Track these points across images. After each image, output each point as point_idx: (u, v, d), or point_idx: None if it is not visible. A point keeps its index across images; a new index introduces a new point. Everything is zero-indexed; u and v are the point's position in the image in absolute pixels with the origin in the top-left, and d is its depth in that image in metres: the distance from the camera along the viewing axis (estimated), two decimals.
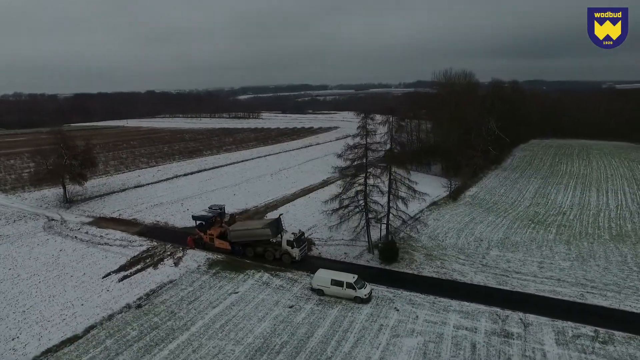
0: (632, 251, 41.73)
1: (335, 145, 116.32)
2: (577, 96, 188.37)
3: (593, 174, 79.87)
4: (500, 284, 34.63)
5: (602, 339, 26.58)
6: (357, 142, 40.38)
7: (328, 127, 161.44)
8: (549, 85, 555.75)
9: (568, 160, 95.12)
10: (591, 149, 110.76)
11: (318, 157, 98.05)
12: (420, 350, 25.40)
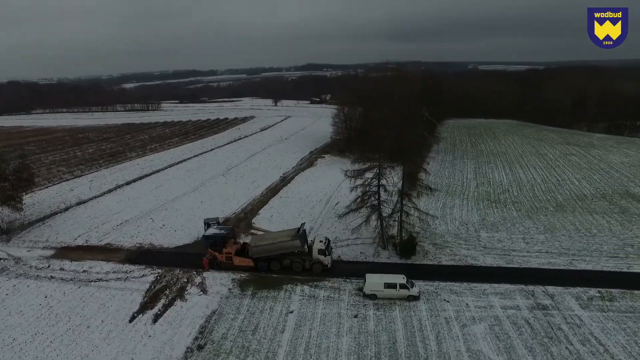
0: (577, 219, 52.35)
1: (266, 136, 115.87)
2: (462, 77, 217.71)
3: (509, 152, 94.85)
4: (508, 262, 40.87)
5: (607, 297, 34.11)
6: None
7: (244, 117, 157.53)
8: (426, 66, 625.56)
9: (482, 140, 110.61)
10: (493, 129, 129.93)
11: (258, 151, 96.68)
12: (492, 335, 29.46)
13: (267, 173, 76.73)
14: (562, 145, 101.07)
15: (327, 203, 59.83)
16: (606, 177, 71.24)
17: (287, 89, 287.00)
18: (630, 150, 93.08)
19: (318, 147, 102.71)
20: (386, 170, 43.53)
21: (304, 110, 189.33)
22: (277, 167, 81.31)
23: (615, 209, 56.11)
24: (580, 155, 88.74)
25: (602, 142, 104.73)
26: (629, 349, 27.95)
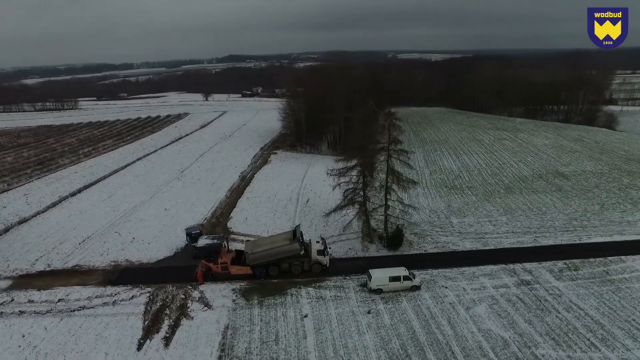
0: (526, 199, 59.02)
1: (209, 134, 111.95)
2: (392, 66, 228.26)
3: (450, 139, 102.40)
4: (484, 245, 45.14)
5: (573, 267, 39.56)
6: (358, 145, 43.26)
7: (177, 114, 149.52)
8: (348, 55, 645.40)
9: (422, 128, 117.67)
10: (428, 117, 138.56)
11: (205, 150, 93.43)
12: (494, 313, 32.75)
13: (224, 173, 74.59)
14: (492, 130, 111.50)
15: (298, 201, 60.17)
16: (537, 159, 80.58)
17: (212, 83, 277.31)
18: (548, 133, 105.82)
19: (267, 143, 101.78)
20: (371, 166, 45.04)
21: (238, 104, 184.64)
22: (233, 166, 79.35)
23: (552, 187, 64.06)
24: (511, 139, 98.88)
25: (524, 126, 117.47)
26: (601, 310, 32.93)
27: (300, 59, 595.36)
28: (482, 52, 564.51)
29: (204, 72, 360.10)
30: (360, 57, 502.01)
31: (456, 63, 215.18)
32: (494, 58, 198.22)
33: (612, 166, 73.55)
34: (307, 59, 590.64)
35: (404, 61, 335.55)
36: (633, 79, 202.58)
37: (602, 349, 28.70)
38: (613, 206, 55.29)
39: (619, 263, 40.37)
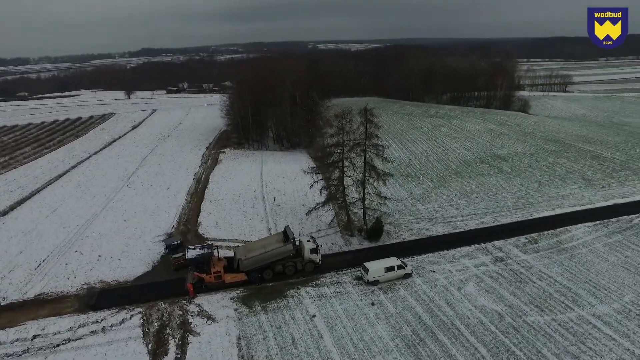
0: (477, 182, 64.90)
1: (144, 135, 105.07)
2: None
3: (392, 128, 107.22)
4: (454, 228, 49.10)
5: (533, 241, 44.90)
6: (335, 141, 44.22)
7: (102, 114, 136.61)
8: (269, 46, 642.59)
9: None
10: (369, 105, 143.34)
11: (147, 153, 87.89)
12: (482, 290, 36.24)
13: (176, 176, 70.95)
14: (427, 117, 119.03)
15: (264, 200, 59.66)
16: (475, 144, 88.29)
17: (130, 79, 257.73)
18: (476, 119, 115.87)
19: (211, 142, 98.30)
20: (348, 162, 46.28)
21: (165, 102, 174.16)
22: (183, 169, 75.74)
23: (494, 169, 71.01)
24: (447, 126, 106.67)
25: (454, 113, 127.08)
26: (565, 276, 38.11)
27: (220, 51, 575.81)
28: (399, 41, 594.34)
29: (118, 68, 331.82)
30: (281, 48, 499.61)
31: (383, 53, 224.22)
32: (417, 48, 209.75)
33: (536, 147, 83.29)
34: (227, 51, 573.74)
35: (333, 52, 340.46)
36: (535, 66, 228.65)
37: (575, 309, 33.39)
38: (547, 183, 63.08)
39: (567, 233, 46.65)
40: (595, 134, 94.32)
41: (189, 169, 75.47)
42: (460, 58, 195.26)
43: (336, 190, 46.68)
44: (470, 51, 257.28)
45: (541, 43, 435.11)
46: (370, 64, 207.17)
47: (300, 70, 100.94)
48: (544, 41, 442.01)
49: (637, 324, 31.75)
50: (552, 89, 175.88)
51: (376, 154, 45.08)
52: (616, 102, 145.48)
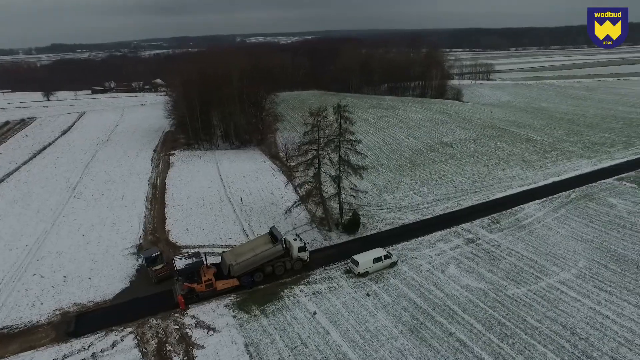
0: (432, 169, 69.10)
1: (78, 140, 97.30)
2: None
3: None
4: (423, 215, 52.16)
5: (495, 221, 49.29)
6: (310, 138, 44.63)
7: (20, 118, 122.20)
8: (195, 41, 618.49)
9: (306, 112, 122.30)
10: (306, 101, 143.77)
11: (88, 160, 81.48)
12: (463, 271, 39.28)
13: (128, 183, 66.72)
14: (371, 109, 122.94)
15: (230, 201, 58.53)
16: (421, 132, 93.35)
17: (42, 78, 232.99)
18: (417, 108, 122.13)
19: (157, 144, 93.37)
20: (324, 158, 46.93)
21: (93, 103, 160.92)
22: (134, 174, 71.39)
23: (445, 156, 75.96)
24: (391, 116, 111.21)
25: (395, 103, 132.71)
26: (529, 250, 42.57)
27: (143, 47, 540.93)
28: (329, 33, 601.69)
29: (26, 66, 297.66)
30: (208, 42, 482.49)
31: (317, 45, 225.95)
32: (352, 40, 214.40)
33: (477, 133, 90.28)
34: (151, 47, 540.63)
35: (263, 45, 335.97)
36: (458, 56, 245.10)
37: (543, 278, 37.58)
38: (494, 166, 69.02)
39: (521, 211, 51.78)
40: (523, 119, 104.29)
41: (140, 174, 71.22)
42: (392, 49, 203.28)
43: (313, 187, 47.17)
44: (401, 43, 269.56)
45: (461, 34, 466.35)
46: (305, 57, 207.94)
47: (245, 66, 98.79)
48: (463, 32, 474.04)
49: (592, 285, 36.57)
50: (478, 78, 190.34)
51: (351, 149, 46.17)
52: (533, 89, 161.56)
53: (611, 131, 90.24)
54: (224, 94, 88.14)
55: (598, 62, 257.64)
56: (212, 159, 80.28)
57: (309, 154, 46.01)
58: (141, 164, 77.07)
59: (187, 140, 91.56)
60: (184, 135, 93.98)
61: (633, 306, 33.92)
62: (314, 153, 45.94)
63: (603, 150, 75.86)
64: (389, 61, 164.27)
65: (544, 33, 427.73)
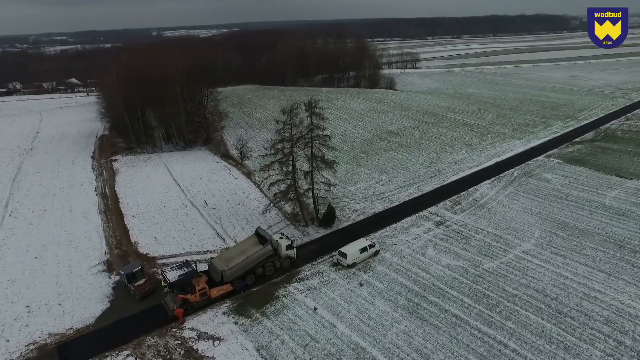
0: (386, 158, 72.41)
1: None
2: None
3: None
4: (390, 202, 54.90)
5: (456, 202, 53.54)
6: (283, 136, 44.64)
7: None
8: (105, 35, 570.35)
9: (249, 108, 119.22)
10: (242, 96, 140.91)
11: (15, 173, 73.25)
12: (441, 252, 42.42)
13: (72, 195, 61.24)
14: None
15: (194, 205, 56.62)
16: (366, 122, 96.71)
17: None
18: (356, 99, 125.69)
19: (94, 150, 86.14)
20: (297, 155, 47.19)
21: None
22: (77, 185, 65.61)
23: (394, 144, 79.87)
24: (334, 108, 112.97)
25: (333, 95, 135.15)
26: (492, 226, 47.08)
27: (44, 42, 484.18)
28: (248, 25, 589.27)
29: None
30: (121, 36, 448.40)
31: (247, 39, 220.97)
32: (282, 32, 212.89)
33: (418, 120, 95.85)
34: (53, 42, 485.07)
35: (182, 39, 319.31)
36: (384, 45, 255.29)
37: (510, 250, 42.06)
38: (442, 151, 74.21)
39: (476, 192, 56.72)
40: (455, 105, 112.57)
41: (84, 184, 65.52)
42: (318, 40, 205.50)
43: (289, 185, 47.33)
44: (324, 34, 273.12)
45: (380, 24, 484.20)
46: (235, 52, 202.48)
47: (183, 62, 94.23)
48: (382, 22, 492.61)
49: (550, 252, 41.73)
50: (405, 66, 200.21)
51: (323, 144, 46.95)
52: (457, 76, 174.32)
53: (530, 113, 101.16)
54: (164, 92, 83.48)
55: (506, 50, 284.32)
56: (160, 163, 76.16)
57: (282, 152, 45.92)
58: (81, 173, 70.77)
59: (127, 144, 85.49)
60: (123, 139, 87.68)
61: (583, 265, 39.37)
62: (287, 150, 45.96)
63: (529, 131, 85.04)
64: (323, 53, 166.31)
65: (454, 23, 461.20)
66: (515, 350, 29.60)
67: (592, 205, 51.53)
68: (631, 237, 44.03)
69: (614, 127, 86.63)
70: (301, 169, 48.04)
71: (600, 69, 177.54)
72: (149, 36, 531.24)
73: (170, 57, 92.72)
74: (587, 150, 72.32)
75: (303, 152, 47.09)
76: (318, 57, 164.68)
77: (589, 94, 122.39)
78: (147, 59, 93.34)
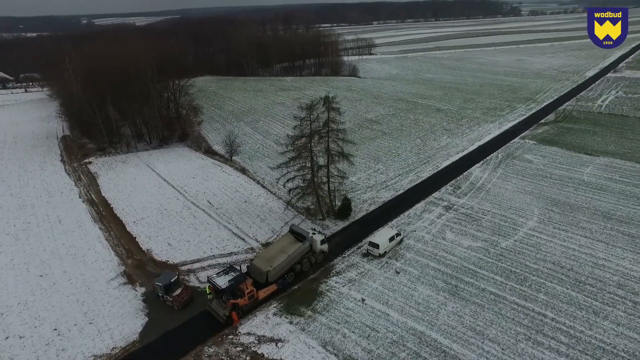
0: (375, 147, 74.39)
1: None
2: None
3: (254, 107, 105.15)
4: (395, 190, 57.04)
5: (456, 186, 56.83)
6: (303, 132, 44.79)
7: None
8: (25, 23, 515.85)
9: (218, 101, 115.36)
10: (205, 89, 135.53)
11: None
12: (458, 234, 45.24)
13: (55, 205, 57.07)
14: (280, 92, 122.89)
15: (198, 206, 55.26)
16: (343, 111, 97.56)
17: None
18: (324, 87, 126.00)
19: (60, 153, 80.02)
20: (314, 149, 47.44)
21: None
22: (56, 193, 61.10)
23: (377, 133, 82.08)
24: (304, 97, 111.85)
25: (299, 84, 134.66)
26: (495, 207, 50.78)
27: None
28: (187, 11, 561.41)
29: None
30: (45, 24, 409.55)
31: (200, 27, 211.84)
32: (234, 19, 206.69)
33: (393, 107, 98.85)
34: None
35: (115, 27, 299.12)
36: (336, 31, 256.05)
37: (519, 229, 45.91)
38: (426, 137, 77.63)
39: (470, 175, 60.48)
40: (422, 91, 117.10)
41: (64, 191, 61.06)
42: (267, 27, 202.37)
43: (310, 180, 47.64)
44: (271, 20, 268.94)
45: (324, 10, 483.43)
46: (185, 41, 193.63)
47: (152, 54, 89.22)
48: (327, 7, 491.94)
49: (553, 227, 46.09)
50: (362, 53, 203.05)
51: (340, 138, 47.54)
52: (414, 61, 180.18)
53: (494, 97, 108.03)
54: (135, 88, 78.91)
55: (451, 34, 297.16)
56: (140, 163, 72.56)
57: (303, 147, 46.03)
58: (55, 179, 65.69)
59: (98, 145, 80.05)
60: (92, 140, 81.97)
61: (584, 237, 44.04)
62: (307, 146, 46.13)
63: (498, 114, 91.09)
64: (283, 41, 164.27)
65: (398, 8, 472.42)
66: (554, 319, 32.94)
67: (574, 182, 57.08)
68: (614, 209, 49.63)
69: (570, 108, 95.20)
70: (317, 163, 48.40)
71: (540, 52, 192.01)
72: (79, 25, 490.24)
73: (136, 49, 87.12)
74: (554, 131, 79.17)
75: (318, 147, 47.36)
76: (278, 46, 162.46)
77: (539, 77, 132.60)
78: (110, 52, 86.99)
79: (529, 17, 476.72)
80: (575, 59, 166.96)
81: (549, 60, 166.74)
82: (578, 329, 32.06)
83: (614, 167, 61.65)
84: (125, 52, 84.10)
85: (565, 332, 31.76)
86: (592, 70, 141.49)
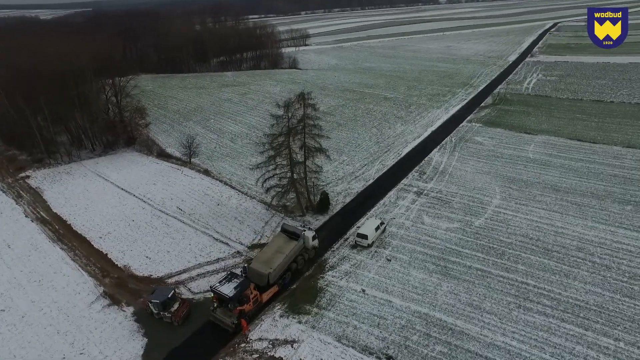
0: (334, 139, 75.70)
1: None
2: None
3: (201, 106, 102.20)
4: (366, 181, 58.79)
5: (422, 172, 60.01)
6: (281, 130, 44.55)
7: None
8: None
9: (159, 100, 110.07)
10: (141, 87, 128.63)
11: None
12: (435, 218, 48.10)
13: (1, 227, 51.33)
14: (224, 88, 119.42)
15: (168, 214, 52.91)
16: None
17: None
18: (268, 81, 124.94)
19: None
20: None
21: None
22: (4, 215, 54.78)
23: (332, 124, 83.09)
24: (252, 92, 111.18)
25: (242, 79, 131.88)
26: (461, 189, 54.54)
27: None
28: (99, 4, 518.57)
29: None
30: None
31: (121, 21, 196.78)
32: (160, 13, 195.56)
33: (342, 98, 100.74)
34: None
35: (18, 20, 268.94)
36: (266, 22, 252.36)
37: (486, 207, 49.84)
38: (380, 126, 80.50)
39: (432, 160, 64.15)
40: (365, 80, 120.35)
41: (4, 211, 54.98)
42: (195, 20, 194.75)
43: (290, 177, 47.49)
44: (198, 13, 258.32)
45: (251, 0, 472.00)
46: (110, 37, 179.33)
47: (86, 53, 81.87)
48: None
49: (515, 203, 50.70)
50: (297, 44, 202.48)
51: (316, 133, 47.84)
52: (350, 51, 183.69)
53: (433, 83, 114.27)
54: (69, 92, 72.45)
55: (379, 23, 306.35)
56: (88, 172, 67.16)
57: (281, 145, 45.72)
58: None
59: (33, 156, 72.30)
60: (23, 151, 73.88)
61: (542, 210, 49.08)
62: (285, 143, 45.88)
63: (442, 100, 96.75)
64: (218, 35, 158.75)
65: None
66: (536, 286, 36.74)
67: (522, 160, 62.91)
68: (560, 182, 55.67)
69: (503, 91, 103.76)
70: (297, 159, 48.41)
71: (465, 39, 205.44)
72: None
73: (68, 47, 79.50)
74: (494, 113, 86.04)
75: (296, 144, 47.36)
76: (214, 40, 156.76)
77: (469, 63, 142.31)
78: (36, 52, 78.52)
79: (448, 5, 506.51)
80: (496, 45, 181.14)
81: (474, 46, 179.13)
82: (556, 291, 36.02)
83: (551, 144, 68.73)
84: (57, 51, 76.32)
85: (546, 295, 35.55)
86: (513, 55, 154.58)
